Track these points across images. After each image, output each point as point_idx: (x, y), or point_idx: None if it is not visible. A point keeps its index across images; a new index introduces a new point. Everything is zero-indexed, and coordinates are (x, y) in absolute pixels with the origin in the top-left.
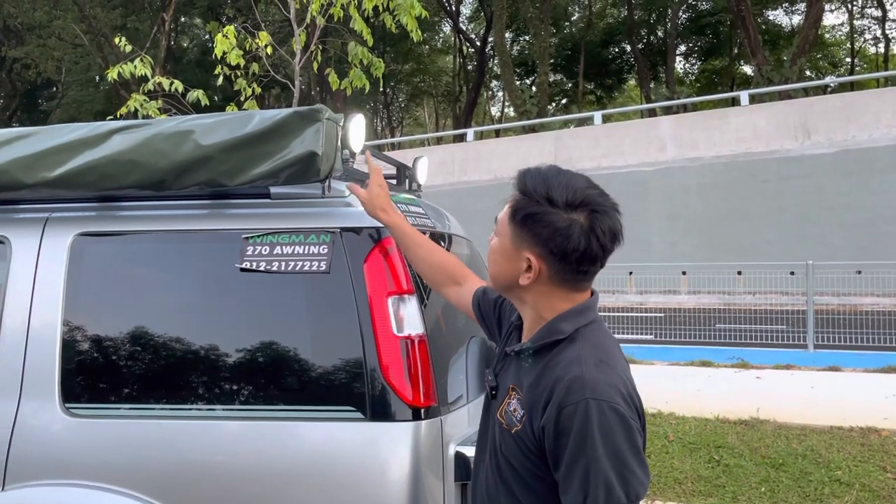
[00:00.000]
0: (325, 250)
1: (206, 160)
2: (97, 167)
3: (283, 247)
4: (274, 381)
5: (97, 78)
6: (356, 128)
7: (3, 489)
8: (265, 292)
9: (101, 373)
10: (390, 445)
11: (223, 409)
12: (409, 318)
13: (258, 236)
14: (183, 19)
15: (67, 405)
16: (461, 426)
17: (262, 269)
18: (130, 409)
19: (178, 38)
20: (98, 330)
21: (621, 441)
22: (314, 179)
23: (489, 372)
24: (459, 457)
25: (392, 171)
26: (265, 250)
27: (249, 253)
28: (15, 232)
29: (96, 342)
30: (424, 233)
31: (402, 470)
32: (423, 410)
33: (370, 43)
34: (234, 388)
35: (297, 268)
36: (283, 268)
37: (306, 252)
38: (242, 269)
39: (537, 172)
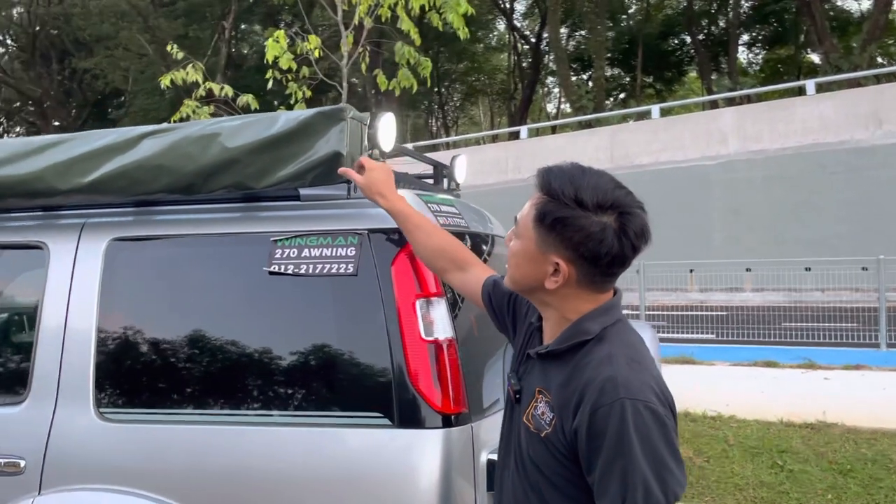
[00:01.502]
0: (353, 252)
1: (232, 163)
2: (127, 172)
3: (311, 249)
4: (300, 386)
5: (162, 86)
6: (385, 127)
7: (39, 493)
8: (294, 296)
9: (135, 378)
10: (419, 453)
11: (253, 416)
12: (438, 322)
13: (286, 239)
14: (243, 27)
15: (101, 410)
16: (496, 433)
17: (290, 272)
18: (163, 414)
19: (238, 46)
20: (132, 335)
21: (658, 440)
22: (340, 180)
23: (512, 375)
24: (492, 465)
25: (429, 170)
26: (293, 253)
27: (278, 256)
28: (53, 238)
29: (130, 347)
30: (459, 234)
31: (431, 478)
32: (452, 417)
33: (418, 42)
34: (263, 393)
35: (325, 270)
36: (310, 270)
37: (334, 254)
38: (271, 273)
39: (561, 172)
